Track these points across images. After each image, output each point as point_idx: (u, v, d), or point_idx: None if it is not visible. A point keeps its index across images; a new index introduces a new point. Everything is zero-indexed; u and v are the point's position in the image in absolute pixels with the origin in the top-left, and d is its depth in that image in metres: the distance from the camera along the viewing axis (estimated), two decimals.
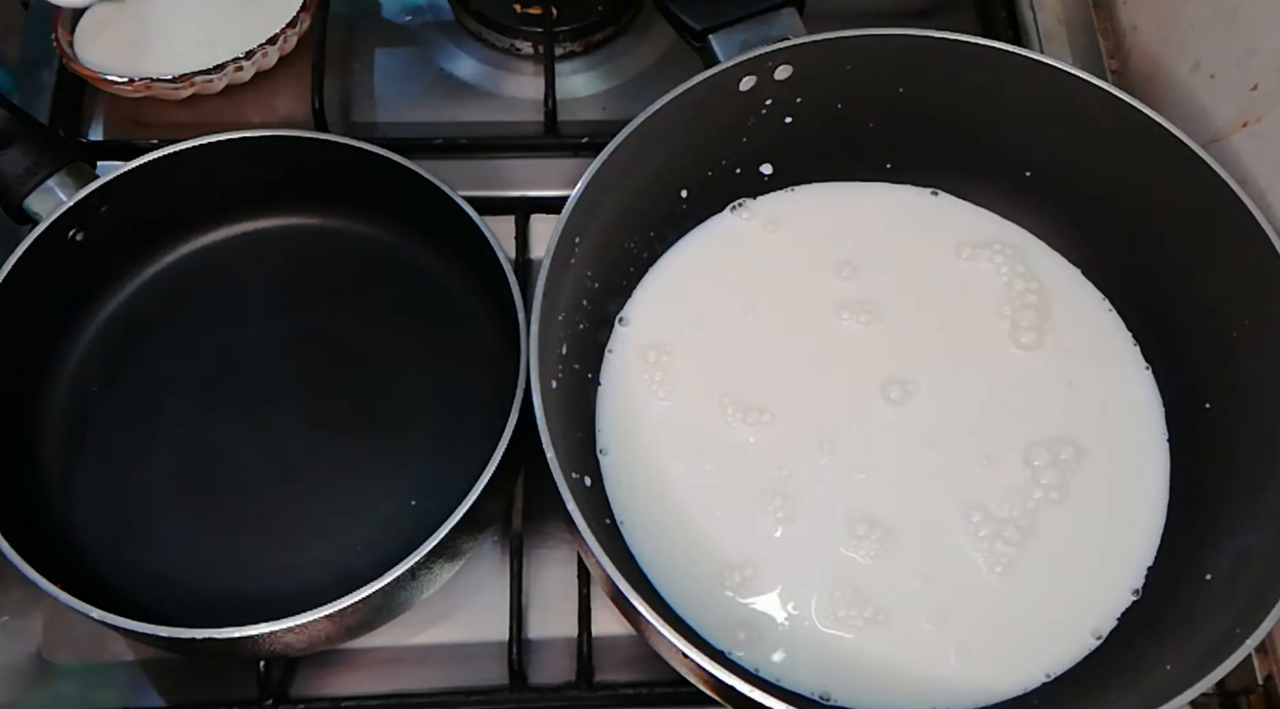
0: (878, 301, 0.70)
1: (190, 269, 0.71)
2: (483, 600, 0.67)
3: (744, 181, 0.72)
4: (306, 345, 0.68)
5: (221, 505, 0.64)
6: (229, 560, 0.63)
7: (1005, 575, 0.62)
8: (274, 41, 0.79)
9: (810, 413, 0.66)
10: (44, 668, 0.65)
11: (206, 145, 0.67)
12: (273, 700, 0.64)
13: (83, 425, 0.67)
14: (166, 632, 0.55)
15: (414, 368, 0.67)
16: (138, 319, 0.70)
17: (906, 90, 0.68)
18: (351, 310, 0.69)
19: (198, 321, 0.69)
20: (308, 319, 0.69)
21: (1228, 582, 0.57)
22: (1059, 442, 0.66)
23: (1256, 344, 0.61)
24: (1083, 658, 0.61)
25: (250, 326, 0.69)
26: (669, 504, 0.64)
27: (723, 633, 0.61)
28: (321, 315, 0.69)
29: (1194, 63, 0.71)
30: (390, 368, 0.67)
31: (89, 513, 0.64)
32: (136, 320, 0.70)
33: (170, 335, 0.69)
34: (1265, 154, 0.64)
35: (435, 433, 0.66)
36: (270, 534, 0.63)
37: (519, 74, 0.85)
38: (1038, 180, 0.70)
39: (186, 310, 0.70)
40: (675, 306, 0.70)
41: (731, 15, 0.66)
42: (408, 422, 0.66)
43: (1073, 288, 0.71)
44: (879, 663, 0.60)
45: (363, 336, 0.69)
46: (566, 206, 0.60)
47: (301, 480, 0.65)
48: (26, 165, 0.65)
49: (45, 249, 0.64)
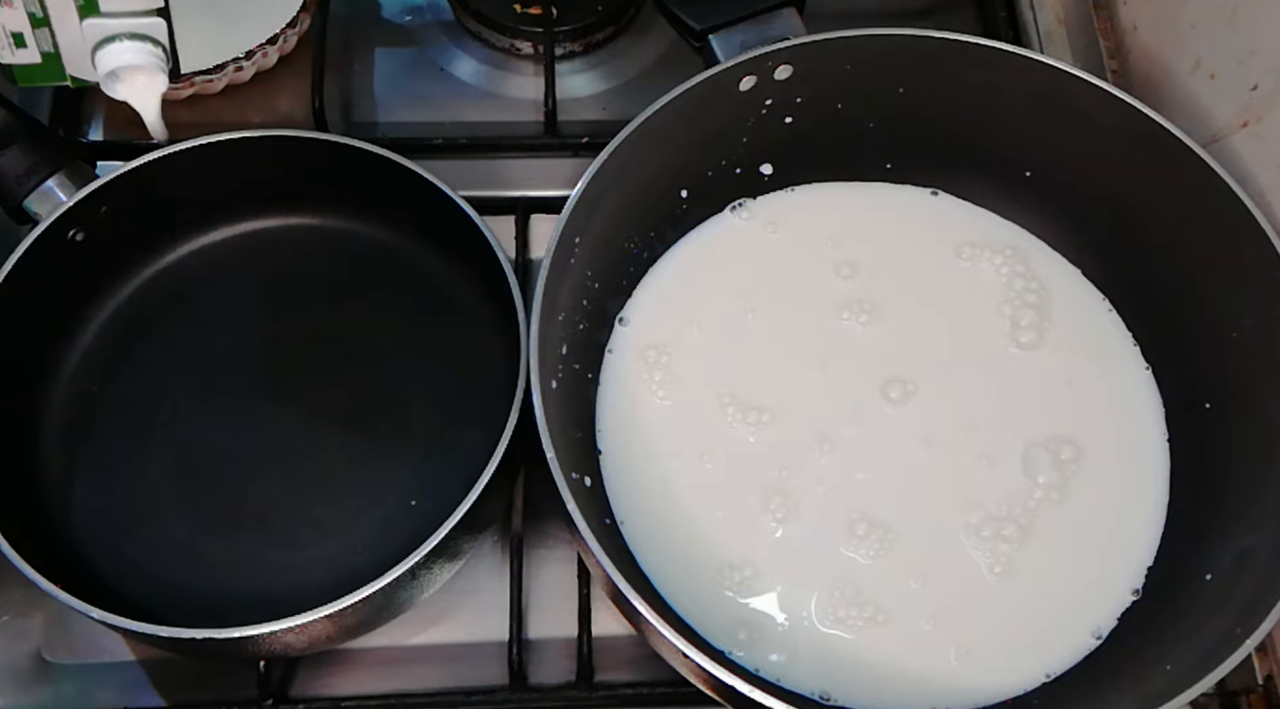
0: (878, 301, 0.70)
1: (190, 269, 0.71)
2: (483, 600, 0.67)
3: (744, 181, 0.72)
4: (306, 345, 0.68)
5: (222, 505, 0.64)
6: (229, 560, 0.63)
7: (1005, 575, 0.62)
8: (274, 41, 0.79)
9: (810, 413, 0.66)
10: (44, 668, 0.65)
11: (206, 145, 0.67)
12: (273, 700, 0.64)
13: (83, 425, 0.67)
14: (166, 632, 0.55)
15: (414, 368, 0.67)
16: (138, 319, 0.70)
17: (906, 90, 0.68)
18: (351, 310, 0.69)
19: (198, 322, 0.69)
20: (308, 319, 0.69)
21: (1228, 582, 0.57)
22: (1059, 441, 0.66)
23: (1256, 344, 0.61)
24: (1083, 658, 0.61)
25: (250, 327, 0.69)
26: (669, 504, 0.64)
27: (723, 633, 0.61)
28: (321, 315, 0.69)
29: (1194, 63, 0.71)
30: (390, 368, 0.67)
31: (89, 513, 0.64)
32: (136, 320, 0.70)
33: (170, 335, 0.69)
34: (1265, 154, 0.64)
35: (435, 433, 0.66)
36: (270, 534, 0.63)
37: (519, 74, 0.85)
38: (1038, 180, 0.70)
39: (186, 310, 0.70)
40: (675, 306, 0.70)
41: (731, 15, 0.66)
42: (407, 421, 0.66)
43: (1073, 288, 0.71)
44: (879, 663, 0.60)
45: (362, 337, 0.69)
46: (566, 206, 0.60)
47: (302, 480, 0.65)
48: (26, 165, 0.65)
49: (45, 249, 0.64)
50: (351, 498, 0.64)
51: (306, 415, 0.66)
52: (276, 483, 0.65)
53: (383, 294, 0.70)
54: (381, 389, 0.67)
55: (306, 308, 0.69)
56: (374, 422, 0.66)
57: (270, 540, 0.63)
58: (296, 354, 0.68)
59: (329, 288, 0.70)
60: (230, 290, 0.70)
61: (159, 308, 0.70)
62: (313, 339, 0.68)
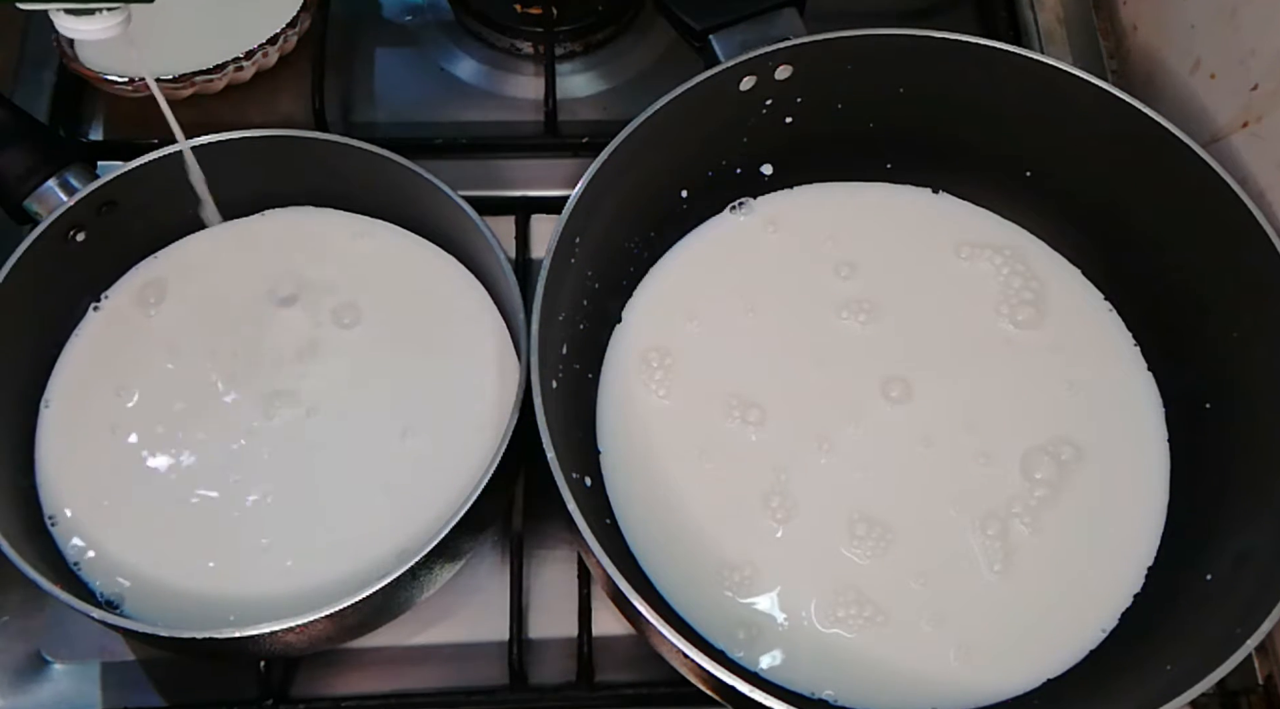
0: (878, 301, 0.70)
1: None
2: (483, 600, 0.67)
3: (744, 181, 0.72)
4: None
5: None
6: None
7: (1005, 575, 0.62)
8: (274, 41, 0.79)
9: (810, 412, 0.66)
10: (44, 668, 0.66)
11: (206, 145, 0.67)
12: (273, 700, 0.64)
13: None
14: (166, 632, 0.55)
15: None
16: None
17: (906, 90, 0.68)
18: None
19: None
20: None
21: (1228, 582, 0.57)
22: (1059, 441, 0.66)
23: (1256, 344, 0.61)
24: (1083, 658, 0.61)
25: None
26: (669, 504, 0.64)
27: (723, 633, 0.61)
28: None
29: (1194, 63, 0.71)
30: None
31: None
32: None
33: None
34: (1265, 154, 0.64)
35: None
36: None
37: (519, 74, 0.85)
38: (1038, 180, 0.70)
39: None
40: (675, 306, 0.70)
41: (731, 15, 0.66)
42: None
43: (1073, 288, 0.71)
44: (879, 663, 0.60)
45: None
46: (566, 206, 0.60)
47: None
48: (26, 165, 0.65)
49: (45, 249, 0.64)
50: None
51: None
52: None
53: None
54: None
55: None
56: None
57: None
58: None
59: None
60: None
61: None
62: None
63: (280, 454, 0.65)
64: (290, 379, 0.67)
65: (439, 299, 0.70)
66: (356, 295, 0.69)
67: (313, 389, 0.67)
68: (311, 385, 0.67)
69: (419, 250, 0.71)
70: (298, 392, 0.67)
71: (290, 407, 0.66)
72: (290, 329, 0.69)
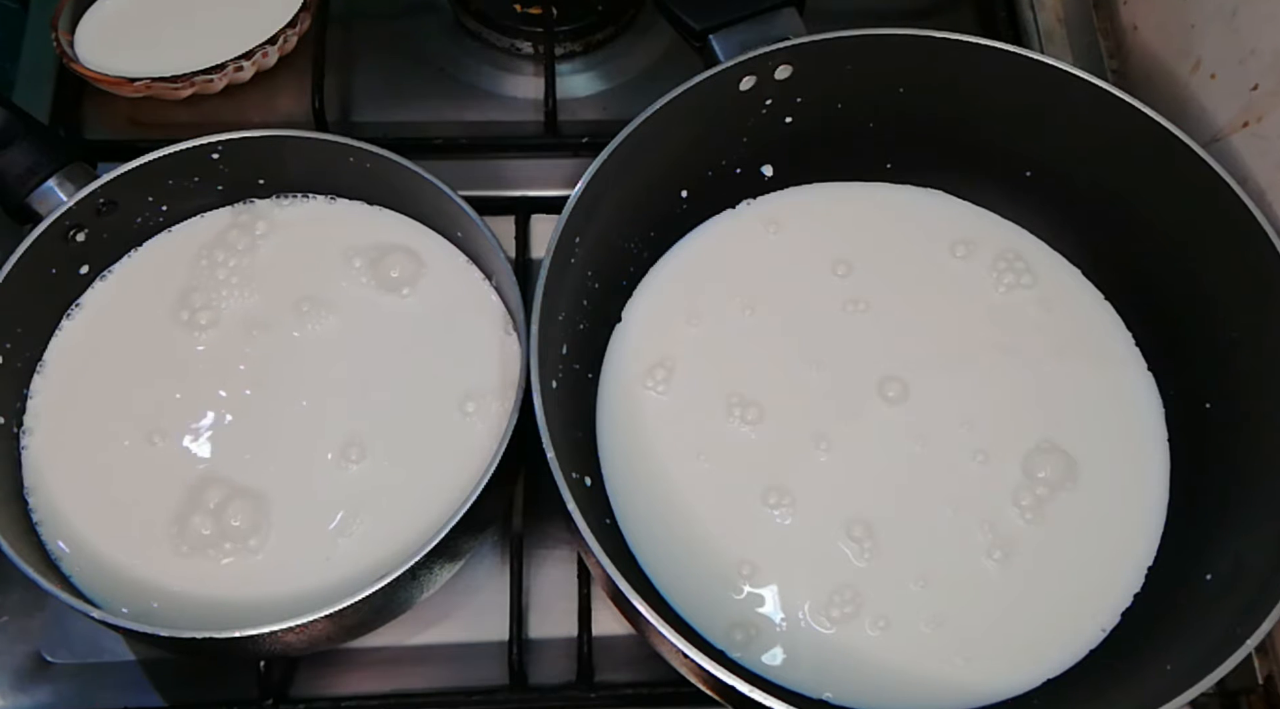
0: (877, 300, 0.70)
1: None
2: (483, 600, 0.67)
3: (744, 181, 0.72)
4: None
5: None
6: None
7: (1004, 575, 0.62)
8: (274, 41, 0.79)
9: (809, 412, 0.66)
10: (44, 668, 0.66)
11: (206, 145, 0.67)
12: (273, 700, 0.64)
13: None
14: (166, 632, 0.55)
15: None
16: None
17: (906, 90, 0.68)
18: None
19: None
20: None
21: (1228, 582, 0.57)
22: (1058, 441, 0.66)
23: (1256, 344, 0.61)
24: (1083, 658, 0.61)
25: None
26: (669, 503, 0.64)
27: (722, 633, 0.61)
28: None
29: (1194, 63, 0.71)
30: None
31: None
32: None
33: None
34: (1265, 154, 0.64)
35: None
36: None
37: (519, 74, 0.85)
38: (1038, 180, 0.70)
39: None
40: (675, 307, 0.70)
41: (731, 15, 0.66)
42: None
43: (1073, 288, 0.71)
44: (879, 663, 0.60)
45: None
46: (566, 206, 0.60)
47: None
48: (26, 165, 0.65)
49: (45, 249, 0.64)
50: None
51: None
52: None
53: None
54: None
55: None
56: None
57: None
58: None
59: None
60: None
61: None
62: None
63: (280, 454, 0.65)
64: (289, 378, 0.67)
65: (439, 297, 0.70)
66: (355, 295, 0.70)
67: (312, 388, 0.67)
68: (310, 384, 0.67)
69: (421, 239, 0.71)
70: (297, 390, 0.67)
71: (290, 405, 0.66)
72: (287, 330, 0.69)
